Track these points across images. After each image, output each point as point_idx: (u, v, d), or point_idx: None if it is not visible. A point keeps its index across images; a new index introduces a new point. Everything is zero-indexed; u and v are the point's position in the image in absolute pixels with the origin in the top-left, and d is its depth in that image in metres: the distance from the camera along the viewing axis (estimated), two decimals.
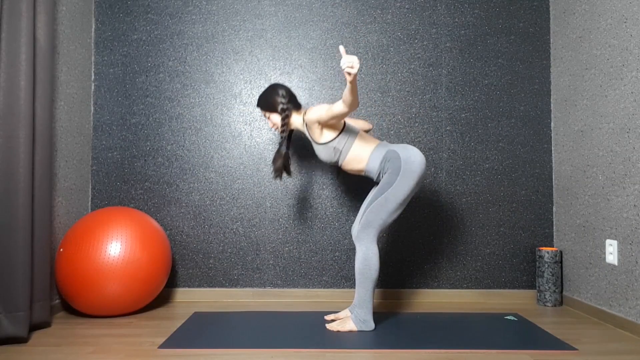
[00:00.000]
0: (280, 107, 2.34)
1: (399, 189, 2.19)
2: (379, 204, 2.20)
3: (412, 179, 2.19)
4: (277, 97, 2.35)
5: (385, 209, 2.20)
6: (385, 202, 2.19)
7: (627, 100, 2.31)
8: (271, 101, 2.36)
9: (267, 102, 2.38)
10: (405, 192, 2.19)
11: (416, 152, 2.24)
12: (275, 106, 2.36)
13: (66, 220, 2.68)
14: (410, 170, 2.19)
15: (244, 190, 2.95)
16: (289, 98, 2.36)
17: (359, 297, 2.24)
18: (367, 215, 2.22)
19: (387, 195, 2.20)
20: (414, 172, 2.20)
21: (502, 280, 2.95)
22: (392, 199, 2.19)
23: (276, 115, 2.38)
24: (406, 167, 2.19)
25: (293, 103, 2.37)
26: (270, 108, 2.38)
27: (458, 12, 3.00)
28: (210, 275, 2.93)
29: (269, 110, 2.39)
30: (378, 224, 2.22)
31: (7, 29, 2.12)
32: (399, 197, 2.19)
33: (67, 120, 2.69)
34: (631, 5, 2.28)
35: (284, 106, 2.34)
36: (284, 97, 2.34)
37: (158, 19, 2.99)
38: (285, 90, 2.36)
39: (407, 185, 2.19)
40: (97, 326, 2.35)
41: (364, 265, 2.21)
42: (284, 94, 2.35)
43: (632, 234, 2.27)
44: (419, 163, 2.21)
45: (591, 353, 2.00)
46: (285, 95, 2.35)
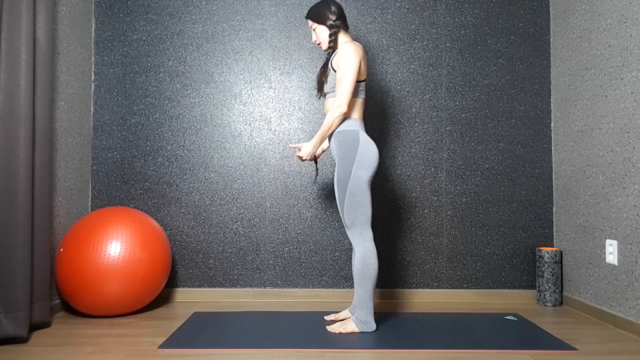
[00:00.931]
0: (330, 22, 2.30)
1: (357, 178, 2.18)
2: (349, 203, 2.19)
3: (369, 170, 2.19)
4: (328, 12, 2.31)
5: (358, 202, 2.19)
6: (353, 197, 2.18)
7: (627, 100, 2.31)
8: (322, 14, 2.31)
9: (318, 14, 2.32)
10: (365, 178, 2.18)
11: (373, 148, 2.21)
12: (324, 19, 2.31)
13: (66, 220, 2.68)
14: (365, 163, 2.18)
15: (244, 190, 2.95)
16: (339, 15, 2.32)
17: (359, 297, 2.24)
18: (347, 217, 2.21)
19: (350, 190, 2.18)
20: (369, 165, 2.19)
21: (502, 280, 2.95)
22: (357, 191, 2.18)
23: (323, 29, 2.33)
24: (360, 159, 2.18)
25: (342, 21, 2.33)
26: (320, 20, 2.32)
27: (458, 12, 3.00)
28: (210, 275, 2.93)
29: (317, 21, 2.33)
30: (363, 219, 2.20)
31: (7, 29, 2.12)
32: (362, 184, 2.18)
33: (67, 120, 2.69)
34: (631, 5, 2.28)
35: (333, 22, 2.30)
36: (334, 14, 2.30)
37: (158, 19, 2.99)
38: (337, 7, 2.32)
39: (365, 173, 2.18)
40: (97, 326, 2.35)
41: (362, 265, 2.21)
42: (335, 10, 2.31)
43: (632, 234, 2.27)
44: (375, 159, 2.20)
45: (591, 353, 2.00)
46: (336, 12, 2.31)
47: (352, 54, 2.19)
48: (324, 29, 2.33)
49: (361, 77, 2.26)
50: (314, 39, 2.38)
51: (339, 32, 2.33)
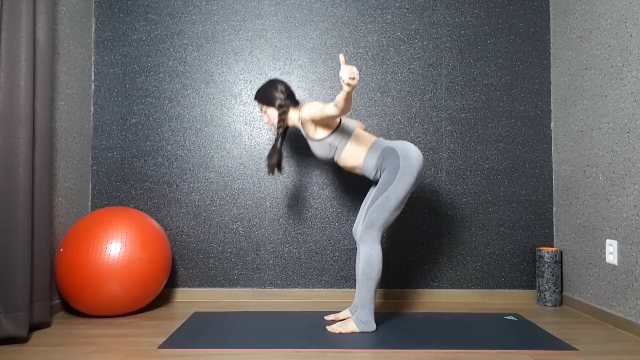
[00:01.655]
0: (278, 102, 2.33)
1: (399, 186, 2.18)
2: (380, 204, 2.20)
3: (411, 176, 2.19)
4: (275, 92, 2.33)
5: (387, 207, 2.20)
6: (387, 201, 2.19)
7: (627, 100, 2.31)
8: (269, 96, 2.34)
9: (265, 96, 2.35)
10: (405, 189, 2.19)
11: (413, 148, 2.24)
12: (273, 101, 2.34)
13: (66, 220, 2.68)
14: (408, 167, 2.19)
15: (244, 190, 2.95)
16: (287, 94, 2.34)
17: (360, 297, 2.24)
18: (370, 216, 2.21)
19: (387, 194, 2.19)
20: (412, 169, 2.19)
21: (502, 280, 2.95)
22: (393, 197, 2.19)
23: (273, 111, 2.36)
24: (405, 164, 2.19)
25: (291, 99, 2.36)
26: (268, 102, 2.35)
27: (458, 12, 3.00)
28: (210, 275, 2.93)
29: (266, 104, 2.36)
30: (381, 224, 2.21)
31: (7, 29, 2.12)
32: (400, 194, 2.19)
33: (67, 120, 2.69)
34: (631, 5, 2.28)
35: (281, 102, 2.32)
36: (283, 93, 2.33)
37: (158, 19, 2.99)
38: (284, 86, 2.34)
39: (407, 182, 2.19)
40: (97, 326, 2.35)
41: (367, 266, 2.21)
42: (283, 89, 2.33)
43: (632, 234, 2.27)
44: (417, 159, 2.21)
45: (591, 353, 2.00)
46: (284, 91, 2.33)
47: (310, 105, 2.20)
48: (273, 111, 2.36)
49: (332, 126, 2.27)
50: (266, 120, 2.42)
51: (288, 112, 2.36)
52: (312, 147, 2.33)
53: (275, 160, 2.38)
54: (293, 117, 2.37)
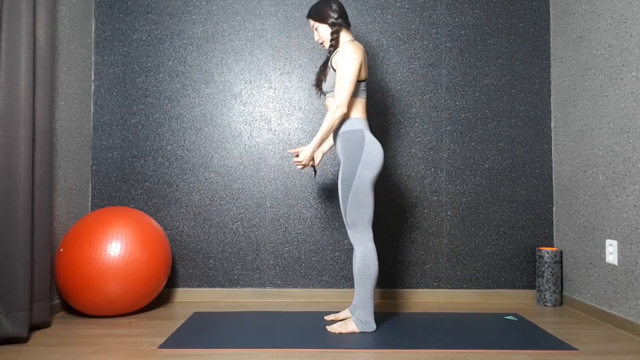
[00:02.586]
0: (331, 20, 2.29)
1: (362, 178, 2.18)
2: (352, 202, 2.19)
3: (373, 170, 2.19)
4: (329, 10, 2.30)
5: (361, 202, 2.19)
6: (357, 196, 2.18)
7: (627, 100, 2.31)
8: (324, 12, 2.30)
9: (319, 13, 2.31)
10: (370, 178, 2.18)
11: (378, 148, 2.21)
12: (326, 18, 2.30)
13: (66, 220, 2.68)
14: (370, 163, 2.18)
15: (244, 190, 2.95)
16: (340, 13, 2.31)
17: (359, 297, 2.24)
18: (349, 217, 2.21)
19: (354, 190, 2.18)
20: (374, 165, 2.19)
21: (502, 280, 2.95)
22: (360, 191, 2.18)
23: (325, 28, 2.32)
24: (366, 158, 2.18)
25: (344, 19, 2.32)
26: (322, 19, 2.31)
27: (458, 12, 3.00)
28: (210, 275, 2.93)
29: (319, 20, 2.32)
30: (365, 219, 2.21)
31: (7, 29, 2.12)
32: (366, 184, 2.18)
33: (67, 120, 2.69)
34: (631, 5, 2.28)
35: (334, 20, 2.29)
36: (336, 12, 2.30)
37: (158, 19, 2.99)
38: (338, 5, 2.31)
39: (370, 173, 2.18)
40: (97, 326, 2.35)
41: (363, 265, 2.21)
42: (337, 8, 2.30)
43: (632, 234, 2.27)
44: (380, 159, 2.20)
45: (591, 353, 2.00)
46: (338, 10, 2.30)
47: (352, 54, 2.18)
48: (326, 28, 2.32)
49: (361, 77, 2.26)
50: (317, 38, 2.37)
51: (341, 31, 2.32)
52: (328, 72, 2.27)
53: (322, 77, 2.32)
54: (342, 39, 2.33)
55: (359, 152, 2.18)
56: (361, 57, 2.21)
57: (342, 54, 2.20)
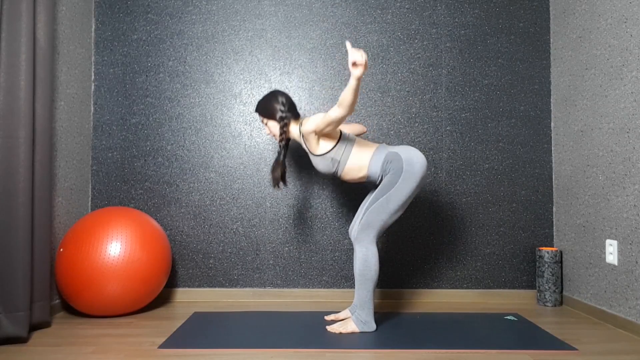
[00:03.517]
0: (279, 115, 2.30)
1: (400, 190, 2.18)
2: (380, 205, 2.19)
3: (414, 181, 2.18)
4: (276, 104, 2.31)
5: (387, 210, 2.19)
6: (387, 203, 2.19)
7: (627, 100, 2.31)
8: (270, 108, 2.32)
9: (266, 109, 2.33)
10: (407, 194, 2.19)
11: (417, 153, 2.23)
12: (274, 113, 2.32)
13: (66, 220, 2.68)
14: (412, 171, 2.18)
15: (244, 190, 2.95)
16: (288, 106, 2.31)
17: (359, 298, 2.24)
18: (368, 216, 2.21)
19: (388, 197, 2.18)
20: (415, 174, 2.18)
21: (502, 280, 2.95)
22: (393, 200, 2.18)
23: (274, 123, 2.34)
24: (408, 168, 2.18)
25: (292, 112, 2.33)
26: (269, 115, 2.33)
27: (458, 12, 3.00)
28: (210, 275, 2.93)
29: (267, 117, 2.35)
30: (378, 225, 2.21)
31: (7, 28, 2.12)
32: (401, 198, 2.18)
33: (67, 120, 2.69)
34: (631, 5, 2.28)
35: (283, 114, 2.30)
36: (284, 105, 2.30)
37: (158, 19, 2.99)
38: (285, 98, 2.32)
39: (409, 186, 2.18)
40: (97, 326, 2.35)
41: (364, 267, 2.21)
42: (284, 101, 2.31)
43: (632, 234, 2.27)
44: (421, 164, 2.20)
45: (591, 353, 2.00)
46: (285, 104, 2.31)
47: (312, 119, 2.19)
48: (274, 123, 2.34)
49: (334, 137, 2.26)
50: (267, 133, 2.41)
51: (290, 124, 2.34)
52: (315, 162, 2.30)
53: (279, 173, 2.37)
54: (294, 131, 2.35)
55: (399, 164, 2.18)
56: None
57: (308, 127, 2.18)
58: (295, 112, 2.35)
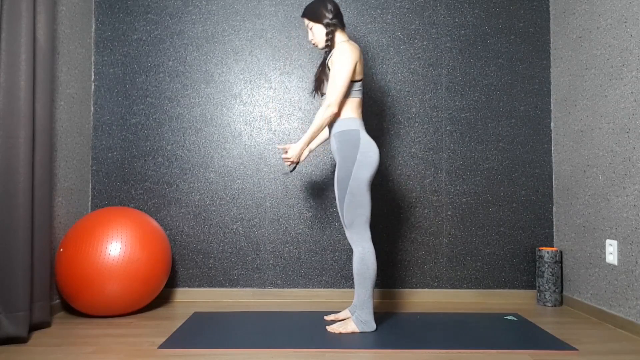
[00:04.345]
0: (326, 20, 2.28)
1: (358, 178, 2.17)
2: (349, 202, 2.19)
3: (369, 170, 2.18)
4: (324, 10, 2.28)
5: (357, 202, 2.18)
6: (353, 197, 2.18)
7: (627, 100, 2.31)
8: (318, 12, 2.29)
9: (314, 12, 2.30)
10: (366, 178, 2.18)
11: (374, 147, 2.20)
12: (321, 18, 2.28)
13: (66, 220, 2.68)
14: (366, 162, 2.18)
15: (244, 190, 2.95)
16: (335, 13, 2.29)
17: (359, 298, 2.24)
18: (346, 217, 2.21)
19: (350, 190, 2.18)
20: (370, 165, 2.18)
21: (502, 280, 2.95)
22: (356, 191, 2.18)
23: (320, 28, 2.30)
24: (362, 158, 2.18)
25: (339, 19, 2.31)
26: (316, 18, 2.29)
27: (458, 12, 3.00)
28: (210, 275, 2.93)
29: (314, 19, 2.30)
30: (362, 219, 2.20)
31: (7, 28, 2.12)
32: (362, 185, 2.18)
33: (67, 120, 2.69)
34: (631, 5, 2.28)
35: (329, 20, 2.27)
36: (331, 12, 2.28)
37: (158, 19, 2.99)
38: (334, 6, 2.30)
39: (366, 173, 2.18)
40: (97, 326, 2.35)
41: (361, 266, 2.21)
42: (332, 8, 2.29)
43: (632, 234, 2.27)
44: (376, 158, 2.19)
45: (591, 353, 2.00)
46: (333, 10, 2.29)
47: (347, 54, 2.18)
48: (320, 28, 2.30)
49: (357, 77, 2.25)
50: (310, 38, 2.36)
51: (336, 31, 2.30)
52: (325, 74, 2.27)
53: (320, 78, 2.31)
54: (337, 40, 2.31)
55: (354, 152, 2.18)
56: (356, 57, 2.20)
57: (337, 54, 2.19)
58: (342, 21, 2.32)
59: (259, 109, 2.97)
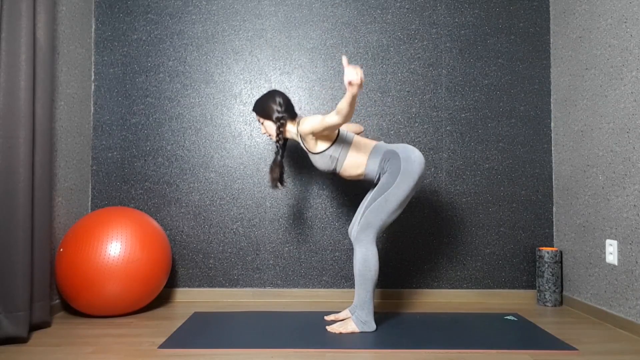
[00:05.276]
0: (276, 115, 2.31)
1: (399, 188, 2.18)
2: (378, 205, 2.19)
3: (412, 179, 2.19)
4: (273, 104, 2.31)
5: (385, 209, 2.19)
6: (385, 202, 2.19)
7: (627, 100, 2.31)
8: (267, 108, 2.32)
9: (263, 109, 2.34)
10: (405, 192, 2.19)
11: (415, 151, 2.23)
12: (270, 114, 2.32)
13: (66, 220, 2.68)
14: (410, 170, 2.18)
15: (244, 190, 2.95)
16: (285, 106, 2.32)
17: (359, 298, 2.24)
18: (367, 216, 2.21)
19: (387, 196, 2.19)
20: (413, 172, 2.19)
21: (502, 280, 2.95)
22: (392, 199, 2.18)
23: (270, 123, 2.34)
24: (406, 166, 2.18)
25: (289, 112, 2.33)
26: (266, 115, 2.34)
27: (458, 12, 3.00)
28: (210, 275, 2.93)
29: (263, 116, 2.35)
30: (378, 225, 2.21)
31: (7, 28, 2.12)
32: (399, 197, 2.19)
33: (67, 120, 2.69)
34: (631, 5, 2.28)
35: (279, 115, 2.30)
36: (281, 106, 2.30)
37: (158, 19, 2.99)
38: (283, 99, 2.32)
39: (407, 185, 2.18)
40: (97, 326, 2.35)
41: (363, 267, 2.21)
42: (281, 102, 2.31)
43: (632, 234, 2.27)
44: (419, 163, 2.21)
45: (591, 353, 2.00)
46: (282, 104, 2.31)
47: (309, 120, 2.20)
48: (270, 123, 2.34)
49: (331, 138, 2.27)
50: (263, 132, 2.41)
51: (286, 124, 2.34)
52: (313, 160, 2.32)
53: (277, 173, 2.36)
54: (291, 130, 2.35)
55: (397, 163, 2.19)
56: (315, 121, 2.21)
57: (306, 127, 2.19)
58: (293, 112, 2.36)
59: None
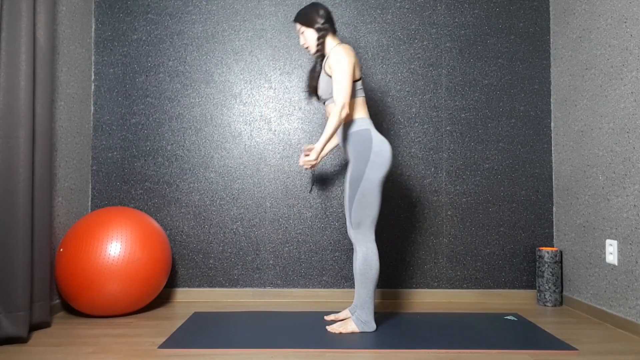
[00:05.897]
0: (317, 25, 2.30)
1: (370, 179, 2.18)
2: (358, 202, 2.19)
3: (382, 170, 2.19)
4: (316, 15, 2.31)
5: (367, 203, 2.19)
6: (363, 197, 2.19)
7: (627, 100, 2.31)
8: (310, 16, 2.31)
9: (306, 16, 2.32)
10: (378, 179, 2.19)
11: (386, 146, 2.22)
12: (313, 23, 2.31)
13: (66, 220, 2.68)
14: (378, 162, 2.19)
15: (244, 190, 2.95)
16: (327, 18, 2.32)
17: (359, 298, 2.24)
18: (354, 216, 2.21)
19: (362, 191, 2.19)
20: (383, 165, 2.19)
21: (502, 280, 2.95)
22: (368, 192, 2.19)
23: (312, 33, 2.33)
24: (375, 158, 2.19)
25: (330, 25, 2.33)
26: (308, 23, 2.32)
27: (458, 12, 3.00)
28: (210, 275, 2.93)
29: (305, 24, 2.33)
30: (369, 220, 2.21)
31: (7, 28, 2.12)
32: (374, 185, 2.19)
33: (67, 120, 2.69)
34: (631, 5, 2.28)
35: (321, 25, 2.30)
36: (323, 17, 2.31)
37: (158, 19, 2.99)
38: (325, 11, 2.32)
39: (378, 173, 2.19)
40: (97, 326, 2.35)
41: (364, 266, 2.21)
42: (324, 14, 2.31)
43: (632, 234, 2.27)
44: (388, 157, 2.20)
45: (591, 353, 2.00)
46: (324, 15, 2.31)
47: (344, 56, 2.19)
48: (312, 32, 2.33)
49: (356, 76, 2.27)
50: (302, 42, 2.38)
51: (327, 36, 2.33)
52: (322, 79, 2.30)
53: (314, 84, 2.34)
54: (328, 45, 2.34)
55: (367, 152, 2.19)
56: (353, 58, 2.22)
57: (334, 57, 2.21)
58: (334, 27, 2.35)
59: (259, 109, 2.97)
